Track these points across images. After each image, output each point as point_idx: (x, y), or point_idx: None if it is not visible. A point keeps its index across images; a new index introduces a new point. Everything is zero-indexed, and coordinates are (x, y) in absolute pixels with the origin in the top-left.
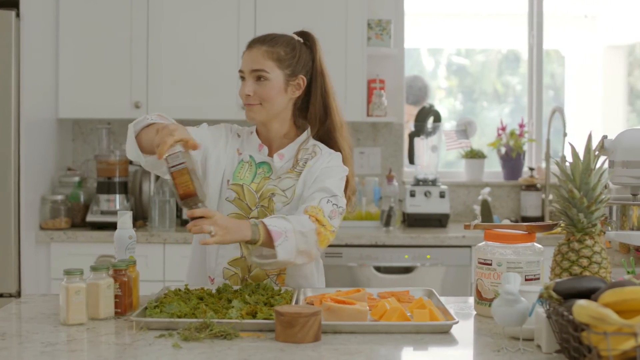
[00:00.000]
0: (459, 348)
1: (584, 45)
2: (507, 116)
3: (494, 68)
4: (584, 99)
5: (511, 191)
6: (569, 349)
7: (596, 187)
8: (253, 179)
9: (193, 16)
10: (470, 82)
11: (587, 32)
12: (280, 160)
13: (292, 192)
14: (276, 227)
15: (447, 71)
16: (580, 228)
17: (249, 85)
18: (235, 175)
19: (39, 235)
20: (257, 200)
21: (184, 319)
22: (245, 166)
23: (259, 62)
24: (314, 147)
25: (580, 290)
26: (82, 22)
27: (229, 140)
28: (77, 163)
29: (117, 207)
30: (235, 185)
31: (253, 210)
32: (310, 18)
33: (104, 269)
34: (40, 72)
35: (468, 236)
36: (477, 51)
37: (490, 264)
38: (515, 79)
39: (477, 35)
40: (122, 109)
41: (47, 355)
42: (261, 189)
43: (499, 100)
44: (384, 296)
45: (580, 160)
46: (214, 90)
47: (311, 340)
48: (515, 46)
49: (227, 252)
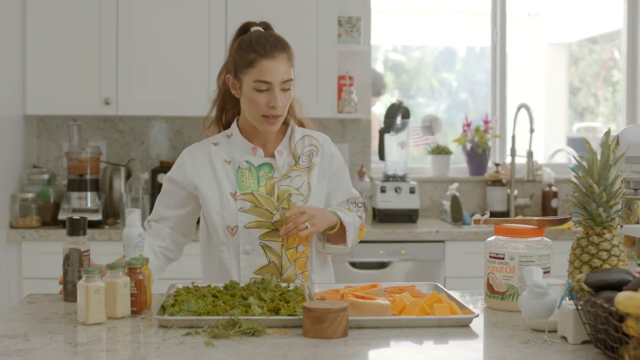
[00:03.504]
0: (482, 341)
1: (526, 43)
2: (444, 112)
3: (430, 65)
4: (526, 95)
5: (477, 186)
6: (606, 339)
7: (614, 182)
8: (258, 183)
9: (163, 11)
10: (407, 78)
11: (529, 29)
12: (281, 157)
13: (307, 189)
14: (345, 218)
15: (384, 67)
16: (599, 222)
17: (280, 97)
18: (240, 185)
19: (10, 234)
20: (277, 203)
21: (209, 316)
22: (246, 173)
23: (287, 71)
24: (308, 139)
25: (611, 283)
26: (50, 17)
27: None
28: (42, 160)
29: (88, 205)
30: (245, 195)
31: (275, 213)
32: (282, 15)
33: (120, 267)
34: (7, 68)
35: (441, 231)
36: (414, 48)
37: (503, 258)
38: (451, 75)
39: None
40: (91, 105)
41: (81, 355)
42: (274, 192)
43: (435, 96)
44: (393, 291)
45: (596, 156)
46: (185, 86)
47: (340, 335)
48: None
49: (250, 263)
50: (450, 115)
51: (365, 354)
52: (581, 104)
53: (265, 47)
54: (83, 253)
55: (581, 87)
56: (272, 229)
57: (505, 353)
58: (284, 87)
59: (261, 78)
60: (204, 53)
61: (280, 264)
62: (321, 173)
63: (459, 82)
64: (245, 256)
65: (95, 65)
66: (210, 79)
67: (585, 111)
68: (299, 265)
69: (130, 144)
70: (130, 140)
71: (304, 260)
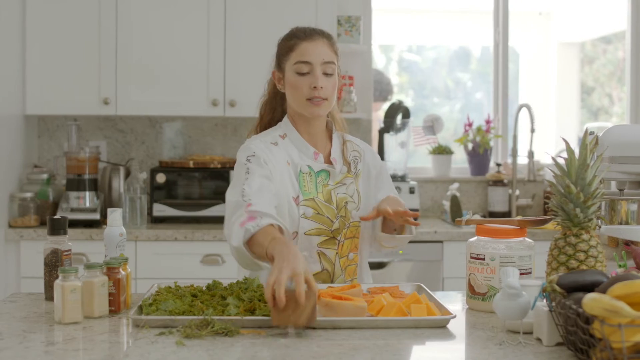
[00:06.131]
0: (459, 342)
1: (538, 42)
2: (458, 112)
3: (445, 64)
4: (538, 95)
5: (478, 187)
6: (576, 341)
7: (592, 182)
8: (317, 189)
9: (163, 11)
10: (422, 78)
11: (541, 29)
12: (336, 163)
13: (358, 197)
14: None
15: (399, 67)
16: (577, 223)
17: (321, 78)
18: (303, 190)
19: (8, 233)
20: (336, 211)
21: (184, 316)
22: (306, 178)
23: (328, 54)
24: (350, 144)
25: (583, 284)
26: (50, 16)
27: (275, 158)
28: (43, 160)
29: (87, 205)
30: (308, 201)
31: (334, 222)
32: (281, 14)
33: (98, 267)
34: (8, 67)
35: (439, 231)
36: (428, 48)
37: (484, 259)
38: (466, 75)
39: (428, 32)
40: (90, 105)
41: (50, 354)
42: (331, 199)
43: (450, 96)
44: (375, 292)
45: (575, 156)
46: (184, 86)
47: (305, 322)
48: (466, 43)
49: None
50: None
51: (337, 355)
52: (595, 104)
53: (305, 31)
54: (64, 253)
55: (595, 86)
56: (331, 237)
57: (478, 355)
58: (326, 70)
59: (301, 59)
60: (203, 53)
61: (332, 271)
62: (364, 178)
63: (474, 82)
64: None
65: (94, 65)
66: (209, 79)
67: (599, 111)
68: (349, 272)
69: (131, 144)
70: (131, 140)
71: (354, 267)
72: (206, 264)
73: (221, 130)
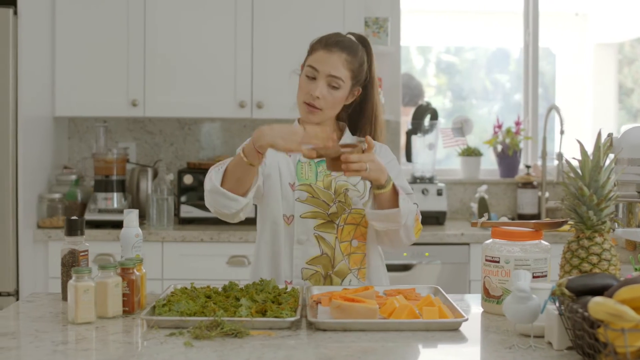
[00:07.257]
0: (470, 345)
1: (574, 43)
2: (497, 114)
3: (483, 66)
4: (574, 96)
5: (507, 189)
6: (583, 346)
7: (605, 185)
8: (316, 177)
9: (190, 13)
10: (460, 80)
11: (577, 30)
12: None
13: (364, 186)
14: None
15: (437, 69)
16: (590, 225)
17: (321, 88)
18: (299, 177)
19: (37, 234)
20: (333, 196)
21: (194, 317)
22: (305, 166)
23: (338, 69)
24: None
25: (593, 288)
26: (79, 19)
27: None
28: (73, 161)
29: (114, 206)
30: (303, 186)
31: (331, 205)
32: (308, 16)
33: (112, 267)
34: (37, 69)
35: (466, 234)
36: (467, 49)
37: (498, 262)
38: (505, 76)
39: (466, 33)
40: (119, 106)
41: (60, 354)
42: (331, 186)
43: (488, 97)
44: (391, 294)
45: (589, 158)
46: (211, 88)
47: None
48: (504, 44)
49: (303, 252)
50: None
51: (344, 357)
52: (635, 105)
53: (328, 40)
54: (80, 253)
55: (634, 88)
56: (328, 221)
57: (488, 358)
58: (331, 82)
59: (312, 64)
60: (230, 55)
61: (332, 256)
62: None
63: (512, 83)
64: (299, 246)
65: (122, 67)
66: (237, 80)
67: (639, 112)
68: (354, 260)
69: (160, 145)
70: (160, 142)
71: (360, 256)
72: (232, 265)
73: (249, 132)
